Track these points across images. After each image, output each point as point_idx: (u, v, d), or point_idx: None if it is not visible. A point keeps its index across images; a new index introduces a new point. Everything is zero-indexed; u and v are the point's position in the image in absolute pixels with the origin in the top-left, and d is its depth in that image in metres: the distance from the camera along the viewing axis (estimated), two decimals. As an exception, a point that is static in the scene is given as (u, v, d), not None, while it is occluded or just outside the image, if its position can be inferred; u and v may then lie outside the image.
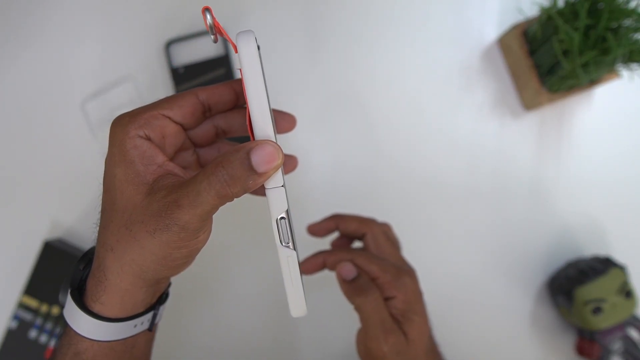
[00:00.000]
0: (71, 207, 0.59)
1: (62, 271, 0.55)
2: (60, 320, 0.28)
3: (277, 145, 0.26)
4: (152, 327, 0.32)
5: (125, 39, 0.61)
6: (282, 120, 0.34)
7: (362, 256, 0.38)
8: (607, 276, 0.53)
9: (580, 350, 0.55)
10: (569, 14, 0.51)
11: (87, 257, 0.30)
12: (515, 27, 0.58)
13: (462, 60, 0.62)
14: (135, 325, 0.30)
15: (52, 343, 0.54)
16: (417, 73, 0.62)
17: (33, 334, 0.55)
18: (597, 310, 0.53)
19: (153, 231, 0.26)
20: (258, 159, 0.25)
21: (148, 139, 0.28)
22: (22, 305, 0.55)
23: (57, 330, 0.54)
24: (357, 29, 0.62)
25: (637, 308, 0.54)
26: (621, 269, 0.55)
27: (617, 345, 0.55)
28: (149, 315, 0.31)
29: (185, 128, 0.31)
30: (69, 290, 0.29)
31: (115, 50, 0.61)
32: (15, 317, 0.55)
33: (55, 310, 0.55)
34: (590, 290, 0.53)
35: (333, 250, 0.40)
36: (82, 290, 0.29)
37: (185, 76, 0.60)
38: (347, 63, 0.61)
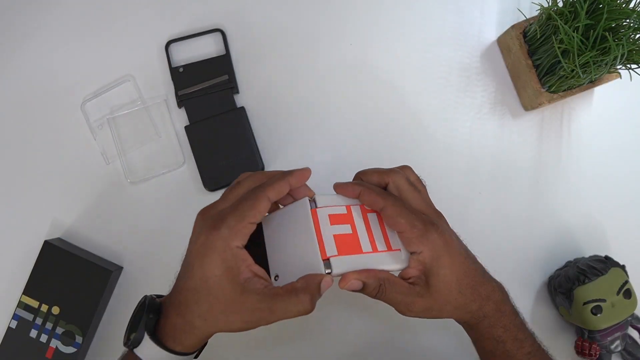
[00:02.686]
0: (71, 207, 0.59)
1: (62, 271, 0.55)
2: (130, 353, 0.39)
3: (331, 277, 0.38)
4: (198, 355, 0.42)
5: (125, 39, 0.61)
6: (302, 176, 0.40)
7: (392, 207, 0.40)
8: (606, 276, 0.53)
9: (580, 350, 0.55)
10: (569, 13, 0.51)
11: (154, 308, 0.39)
12: (514, 27, 0.58)
13: (462, 60, 0.62)
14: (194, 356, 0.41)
15: (52, 342, 0.54)
16: (417, 73, 0.62)
17: (33, 333, 0.55)
18: (596, 310, 0.53)
19: (247, 322, 0.37)
20: (325, 286, 0.37)
21: (241, 247, 0.37)
22: (22, 305, 0.55)
23: (57, 329, 0.54)
24: (358, 30, 0.62)
25: (637, 308, 0.54)
26: (621, 268, 0.55)
27: (616, 345, 0.55)
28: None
29: None
30: (148, 335, 0.37)
31: (115, 50, 0.61)
32: (15, 316, 0.55)
33: (54, 310, 0.55)
34: (589, 290, 0.53)
35: (371, 189, 0.41)
36: (154, 333, 0.38)
37: (184, 75, 0.60)
38: (348, 63, 0.61)
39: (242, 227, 0.37)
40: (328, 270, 0.38)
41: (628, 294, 0.54)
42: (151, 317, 0.38)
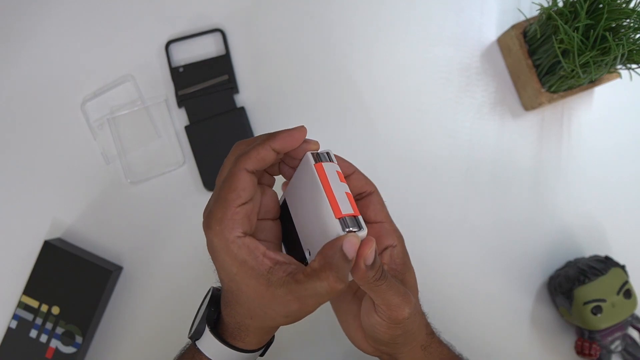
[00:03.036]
0: (71, 207, 0.59)
1: (62, 271, 0.55)
2: (193, 347, 0.38)
3: (355, 234, 0.32)
4: (264, 353, 0.40)
5: (125, 39, 0.61)
6: (290, 138, 0.35)
7: (379, 196, 0.38)
8: (606, 276, 0.53)
9: (580, 350, 0.55)
10: (569, 13, 0.51)
11: (216, 301, 0.38)
12: (514, 27, 0.58)
13: (462, 60, 0.62)
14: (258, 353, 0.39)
15: (52, 343, 0.54)
16: (417, 73, 0.62)
17: (33, 333, 0.55)
18: (596, 310, 0.53)
19: (287, 315, 0.33)
20: (350, 249, 0.31)
21: (245, 234, 0.32)
22: (22, 305, 0.55)
23: (57, 329, 0.54)
24: (358, 30, 0.62)
25: (637, 308, 0.54)
26: (621, 268, 0.55)
27: (617, 345, 0.55)
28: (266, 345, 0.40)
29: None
30: (209, 329, 0.36)
31: (115, 50, 0.61)
32: (15, 316, 0.55)
33: (54, 310, 0.55)
34: (589, 290, 0.53)
35: (358, 171, 0.38)
36: (215, 327, 0.37)
37: (184, 75, 0.60)
38: (348, 63, 0.61)
39: (231, 215, 0.32)
40: (354, 229, 0.31)
41: (628, 294, 0.54)
42: (213, 310, 0.37)
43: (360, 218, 0.32)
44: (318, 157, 0.34)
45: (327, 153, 0.35)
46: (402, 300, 0.35)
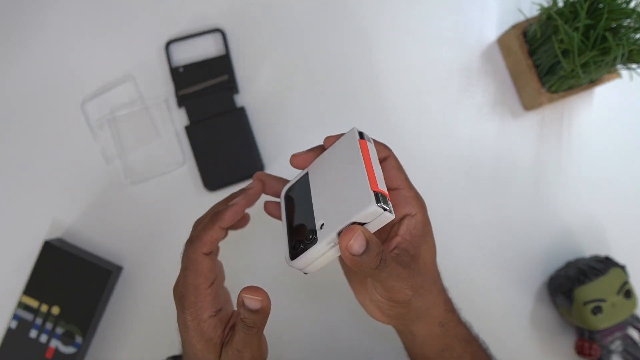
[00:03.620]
0: (71, 207, 0.59)
1: (62, 271, 0.55)
2: None
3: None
4: None
5: (125, 39, 0.61)
6: (235, 214, 0.37)
7: (396, 159, 0.37)
8: (606, 276, 0.53)
9: (580, 350, 0.55)
10: (569, 13, 0.51)
11: None
12: (515, 27, 0.58)
13: (462, 60, 0.62)
14: None
15: (52, 343, 0.54)
16: (417, 73, 0.62)
17: (33, 333, 0.55)
18: (596, 310, 0.53)
19: None
20: (249, 302, 0.33)
21: (216, 313, 0.35)
22: (22, 305, 0.55)
23: (57, 329, 0.54)
24: (357, 30, 0.62)
25: (637, 308, 0.54)
26: (621, 268, 0.55)
27: (617, 345, 0.55)
28: None
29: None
30: None
31: (115, 50, 0.61)
32: (15, 317, 0.55)
33: (54, 310, 0.55)
34: (589, 290, 0.53)
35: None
36: None
37: (185, 76, 0.60)
38: (347, 63, 0.61)
39: (203, 298, 0.35)
40: (386, 207, 0.30)
41: (628, 294, 0.54)
42: None
43: (390, 202, 0.31)
44: (361, 135, 0.35)
45: (368, 136, 0.36)
46: (403, 284, 0.33)
